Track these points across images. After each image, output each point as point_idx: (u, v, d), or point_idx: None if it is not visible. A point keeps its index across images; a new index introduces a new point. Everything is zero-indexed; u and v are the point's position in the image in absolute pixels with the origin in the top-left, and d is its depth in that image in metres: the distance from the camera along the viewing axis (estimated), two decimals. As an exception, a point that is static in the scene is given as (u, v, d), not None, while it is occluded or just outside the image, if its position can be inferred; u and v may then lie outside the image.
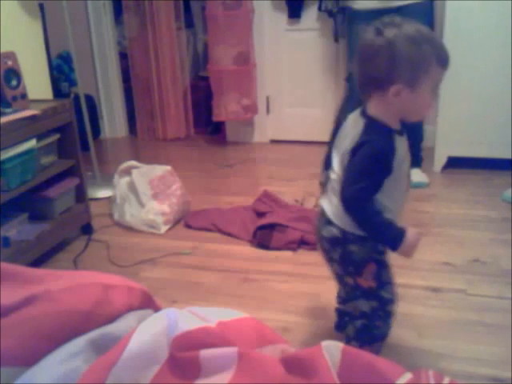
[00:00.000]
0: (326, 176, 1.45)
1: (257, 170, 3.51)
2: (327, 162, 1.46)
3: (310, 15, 3.56)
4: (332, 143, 1.43)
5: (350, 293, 1.48)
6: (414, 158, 2.76)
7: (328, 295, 1.70)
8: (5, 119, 2.01)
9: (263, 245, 2.36)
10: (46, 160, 2.30)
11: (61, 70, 3.97)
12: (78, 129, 2.44)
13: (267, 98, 3.83)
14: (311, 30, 3.58)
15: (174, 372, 0.92)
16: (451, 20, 2.81)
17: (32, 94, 2.36)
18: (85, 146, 2.80)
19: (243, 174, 3.32)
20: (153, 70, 3.97)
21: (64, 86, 3.92)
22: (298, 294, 2.00)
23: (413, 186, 2.89)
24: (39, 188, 2.26)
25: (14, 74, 2.24)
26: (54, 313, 0.95)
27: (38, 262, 2.21)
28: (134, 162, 2.72)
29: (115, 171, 2.75)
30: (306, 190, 2.86)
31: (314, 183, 2.05)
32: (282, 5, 3.59)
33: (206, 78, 3.97)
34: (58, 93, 3.28)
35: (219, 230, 2.54)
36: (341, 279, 1.49)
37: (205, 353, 0.92)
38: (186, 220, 2.66)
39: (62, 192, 2.36)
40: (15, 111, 2.12)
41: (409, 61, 1.22)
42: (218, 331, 0.97)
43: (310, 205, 2.68)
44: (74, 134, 2.39)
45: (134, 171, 2.65)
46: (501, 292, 1.94)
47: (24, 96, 2.28)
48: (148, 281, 2.12)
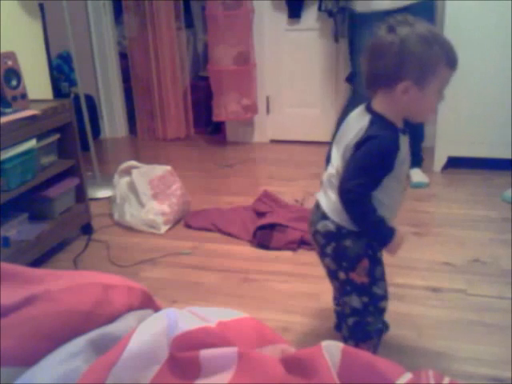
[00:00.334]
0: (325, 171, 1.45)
1: (257, 170, 3.51)
2: (329, 159, 1.46)
3: (309, 15, 3.56)
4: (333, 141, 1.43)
5: (341, 288, 1.48)
6: (415, 158, 2.76)
7: (328, 295, 1.70)
8: (5, 119, 2.01)
9: (263, 245, 2.36)
10: (46, 160, 2.30)
11: (61, 70, 3.97)
12: (78, 129, 2.44)
13: (267, 98, 3.83)
14: (311, 29, 3.59)
15: (174, 372, 0.92)
16: (451, 20, 2.81)
17: (32, 94, 2.36)
18: (85, 146, 2.80)
19: (243, 174, 3.32)
20: (153, 70, 3.97)
21: (64, 86, 3.92)
22: (297, 294, 2.00)
23: (413, 186, 2.90)
24: (39, 188, 2.26)
25: (14, 74, 2.24)
26: (54, 313, 0.95)
27: (37, 262, 2.21)
28: (133, 162, 2.73)
29: (115, 171, 2.75)
30: (306, 190, 2.85)
31: (314, 183, 2.05)
32: (281, 5, 3.59)
33: (205, 78, 3.97)
34: (57, 93, 3.29)
35: (219, 230, 2.54)
36: (333, 274, 1.48)
37: (205, 353, 0.92)
38: (186, 220, 2.66)
39: (62, 192, 2.36)
40: (15, 111, 2.11)
41: (419, 60, 1.24)
42: (218, 331, 0.97)
43: (310, 205, 2.66)
44: (74, 133, 2.39)
45: (134, 171, 2.65)
46: (501, 292, 1.94)
47: (24, 96, 2.28)
48: (148, 281, 2.12)
